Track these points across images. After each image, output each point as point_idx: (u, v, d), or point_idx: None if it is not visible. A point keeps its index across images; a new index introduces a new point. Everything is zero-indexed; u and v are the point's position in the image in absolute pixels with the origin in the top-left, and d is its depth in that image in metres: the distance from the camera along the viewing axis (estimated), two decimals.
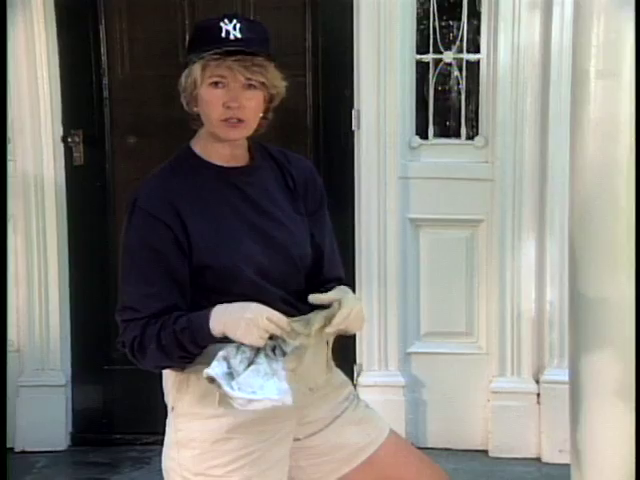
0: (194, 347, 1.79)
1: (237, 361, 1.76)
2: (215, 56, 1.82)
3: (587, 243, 2.35)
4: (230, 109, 1.84)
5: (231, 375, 1.75)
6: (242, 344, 1.76)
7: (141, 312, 1.82)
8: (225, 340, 1.79)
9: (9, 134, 3.55)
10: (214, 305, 1.80)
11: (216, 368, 1.75)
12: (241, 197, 1.91)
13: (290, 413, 1.90)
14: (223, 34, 1.82)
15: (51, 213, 3.57)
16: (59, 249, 3.59)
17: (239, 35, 1.82)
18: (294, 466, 2.01)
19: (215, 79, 1.84)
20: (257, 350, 1.78)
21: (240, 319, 1.75)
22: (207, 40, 1.83)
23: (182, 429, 1.92)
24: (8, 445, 3.47)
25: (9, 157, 3.51)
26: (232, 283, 1.80)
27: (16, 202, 3.53)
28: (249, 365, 1.76)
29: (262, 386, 1.75)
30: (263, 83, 1.86)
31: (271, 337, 1.78)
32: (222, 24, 1.83)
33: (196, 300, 1.84)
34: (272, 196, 1.95)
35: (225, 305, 1.79)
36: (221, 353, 1.76)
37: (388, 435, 2.05)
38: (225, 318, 1.77)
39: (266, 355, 1.78)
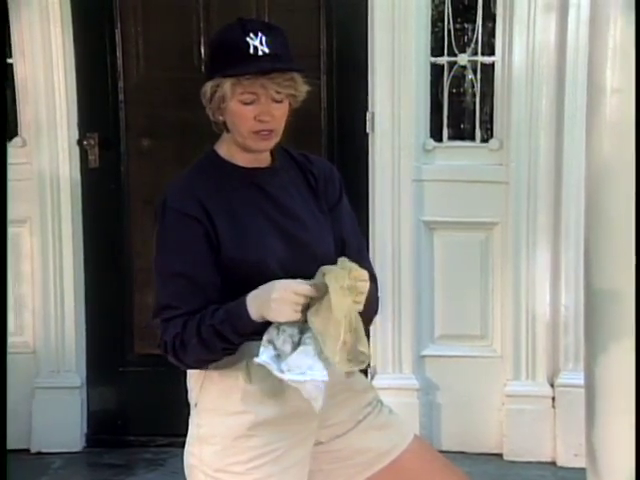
0: (237, 337, 1.80)
1: (280, 342, 1.77)
2: (247, 75, 1.83)
3: (602, 245, 2.34)
4: (262, 122, 1.87)
5: (279, 357, 1.76)
6: (281, 324, 1.77)
7: (181, 309, 1.83)
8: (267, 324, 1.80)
9: (24, 136, 3.58)
10: None
11: (263, 354, 1.76)
12: (264, 197, 1.93)
13: (312, 415, 1.89)
14: (251, 50, 1.82)
15: (66, 215, 3.58)
16: (74, 251, 3.60)
17: (267, 50, 1.83)
18: (316, 470, 2.01)
19: (247, 96, 1.85)
20: (302, 327, 1.77)
21: (268, 301, 1.76)
22: (236, 57, 1.83)
23: (204, 425, 1.93)
24: (24, 446, 3.52)
25: (25, 160, 3.54)
26: (258, 279, 1.81)
27: (32, 204, 3.55)
28: (298, 344, 1.77)
29: (311, 366, 1.75)
30: (292, 94, 1.88)
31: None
32: (249, 39, 1.82)
33: (223, 296, 1.85)
34: (295, 196, 1.97)
35: (253, 292, 1.80)
36: (265, 337, 1.78)
37: (412, 440, 2.05)
38: (257, 303, 1.78)
39: (312, 334, 1.77)
